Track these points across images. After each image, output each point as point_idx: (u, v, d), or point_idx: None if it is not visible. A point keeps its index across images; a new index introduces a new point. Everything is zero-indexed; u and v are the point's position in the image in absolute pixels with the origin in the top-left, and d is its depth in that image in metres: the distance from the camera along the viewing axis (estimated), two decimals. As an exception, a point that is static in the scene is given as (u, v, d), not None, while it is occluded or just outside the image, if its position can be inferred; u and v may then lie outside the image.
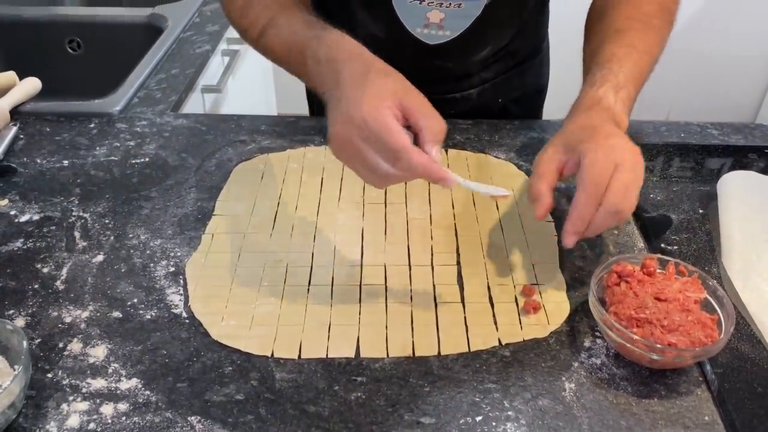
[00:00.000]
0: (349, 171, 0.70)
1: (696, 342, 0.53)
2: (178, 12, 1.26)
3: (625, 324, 0.55)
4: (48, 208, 0.76)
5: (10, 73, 0.98)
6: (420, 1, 0.80)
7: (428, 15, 0.82)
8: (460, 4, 0.80)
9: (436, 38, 0.85)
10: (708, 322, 0.56)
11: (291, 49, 0.67)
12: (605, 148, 0.60)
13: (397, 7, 0.82)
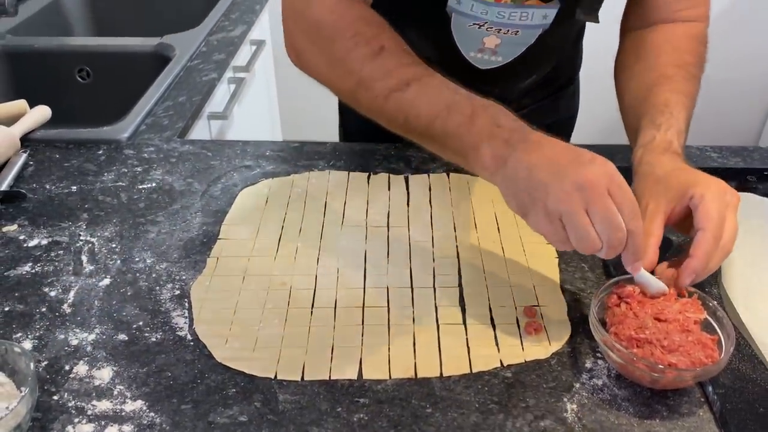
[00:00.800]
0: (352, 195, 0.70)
1: (696, 362, 0.54)
2: (185, 41, 1.29)
3: (626, 344, 0.55)
4: (56, 232, 0.77)
5: (21, 102, 1.00)
6: (479, 26, 0.81)
7: (485, 40, 0.83)
8: (517, 31, 0.81)
9: (487, 63, 0.86)
10: (708, 342, 0.56)
11: (450, 108, 0.62)
12: (717, 192, 0.61)
13: (455, 30, 0.82)
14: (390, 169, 0.88)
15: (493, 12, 0.79)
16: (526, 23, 0.81)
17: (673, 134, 0.69)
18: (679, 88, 0.74)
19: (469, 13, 0.80)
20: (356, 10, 0.70)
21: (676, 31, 0.81)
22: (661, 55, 0.78)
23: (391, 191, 0.84)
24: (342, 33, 0.69)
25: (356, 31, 0.68)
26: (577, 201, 0.54)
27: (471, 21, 0.81)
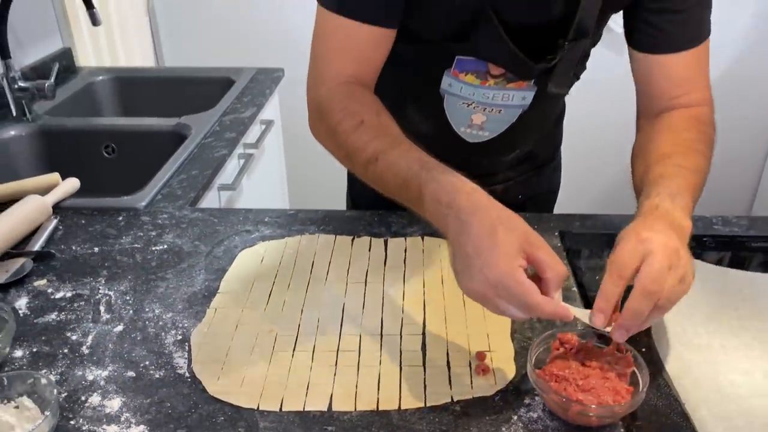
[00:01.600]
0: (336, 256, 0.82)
1: (603, 403, 0.63)
2: (201, 121, 1.45)
3: (548, 379, 0.65)
4: (79, 287, 0.90)
5: (54, 175, 1.15)
6: (468, 105, 0.94)
7: (473, 117, 0.96)
8: (500, 110, 0.94)
9: (476, 137, 0.99)
10: (623, 391, 0.65)
11: (408, 183, 0.71)
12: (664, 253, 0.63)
13: (447, 108, 0.96)
14: (372, 233, 1.01)
15: (479, 93, 0.92)
16: (508, 103, 0.94)
17: (662, 198, 0.71)
18: (677, 161, 0.78)
19: (458, 94, 0.93)
20: (350, 90, 0.84)
21: (674, 116, 0.87)
22: (660, 138, 0.84)
23: (371, 252, 0.96)
24: (334, 108, 0.83)
25: (344, 106, 0.83)
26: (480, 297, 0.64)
27: (461, 101, 0.94)
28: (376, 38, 0.86)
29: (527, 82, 0.91)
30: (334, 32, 0.86)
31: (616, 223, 0.99)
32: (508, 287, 0.61)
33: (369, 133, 0.79)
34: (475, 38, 0.85)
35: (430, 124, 0.98)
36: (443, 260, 0.93)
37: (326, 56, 0.87)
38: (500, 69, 0.89)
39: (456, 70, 0.91)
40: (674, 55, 0.86)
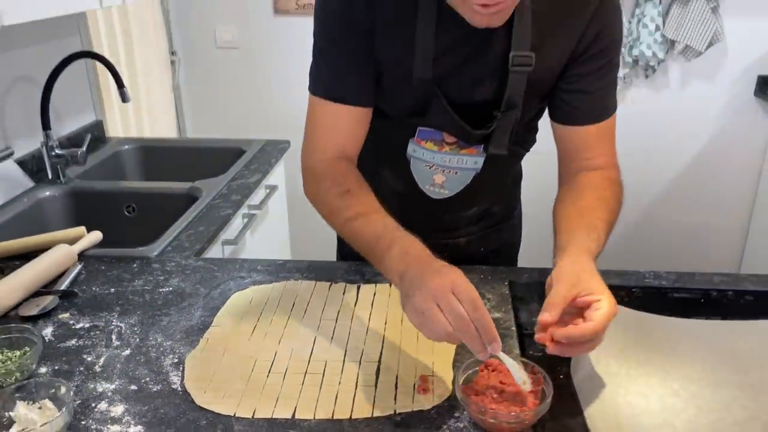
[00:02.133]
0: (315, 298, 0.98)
1: (512, 412, 0.77)
2: (211, 185, 1.65)
3: (470, 393, 0.80)
4: (96, 320, 1.07)
5: (81, 228, 1.34)
6: (430, 167, 1.12)
7: (434, 177, 1.13)
8: (456, 171, 1.12)
9: (438, 195, 1.16)
10: (530, 404, 0.79)
11: (380, 239, 0.90)
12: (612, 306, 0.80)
13: (413, 170, 1.13)
14: (348, 280, 1.17)
15: (438, 157, 1.10)
16: (462, 166, 1.11)
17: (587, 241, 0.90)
18: (598, 215, 0.97)
19: (421, 158, 1.12)
20: (338, 164, 1.04)
21: (595, 176, 1.05)
22: (586, 193, 1.02)
23: (344, 295, 1.12)
24: (324, 177, 1.03)
25: (333, 177, 1.03)
26: (430, 300, 0.78)
27: (423, 163, 1.12)
28: (356, 116, 1.06)
29: (477, 149, 1.09)
30: (322, 113, 1.06)
31: (557, 275, 1.15)
32: (463, 283, 0.78)
33: (353, 199, 0.99)
34: (429, 113, 1.04)
35: (401, 183, 1.16)
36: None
37: (317, 133, 1.07)
38: (453, 138, 1.07)
39: (418, 139, 1.09)
40: (584, 127, 1.05)
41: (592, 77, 1.01)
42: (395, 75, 1.02)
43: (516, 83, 0.99)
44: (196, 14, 2.73)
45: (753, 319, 1.01)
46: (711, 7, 2.42)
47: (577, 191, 1.03)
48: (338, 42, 1.01)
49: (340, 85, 1.03)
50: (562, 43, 0.99)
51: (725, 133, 2.67)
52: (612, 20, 0.99)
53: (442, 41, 0.97)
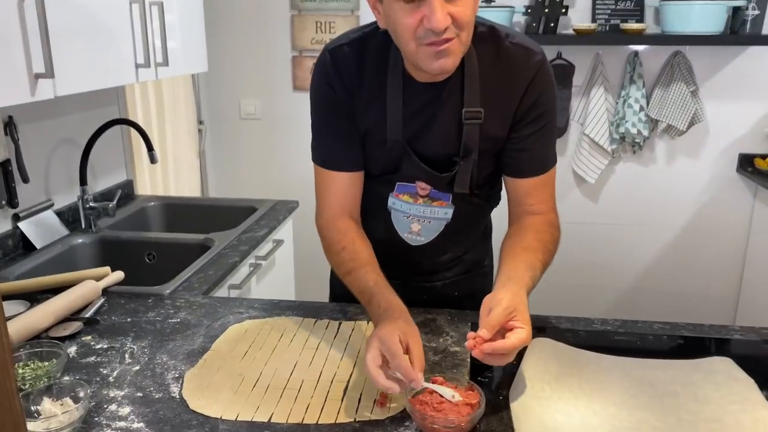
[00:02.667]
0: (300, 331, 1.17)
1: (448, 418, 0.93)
2: (223, 237, 1.86)
3: (414, 403, 0.95)
4: (112, 342, 1.25)
5: (106, 268, 1.54)
6: (407, 217, 1.31)
7: (411, 226, 1.32)
8: (430, 221, 1.30)
9: (416, 242, 1.34)
10: (465, 413, 0.94)
11: (364, 292, 1.15)
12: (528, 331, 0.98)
13: (393, 219, 1.32)
14: (332, 317, 1.34)
15: (414, 208, 1.30)
16: (435, 216, 1.30)
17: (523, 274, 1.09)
18: (539, 257, 1.15)
19: (400, 209, 1.31)
20: (338, 221, 1.26)
21: (538, 220, 1.24)
22: (528, 234, 1.20)
23: (326, 330, 1.28)
24: (327, 237, 1.27)
25: (333, 236, 1.26)
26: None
27: (402, 214, 1.31)
28: (350, 180, 1.28)
29: (446, 201, 1.28)
30: (322, 179, 1.29)
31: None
32: (384, 339, 0.98)
33: (347, 255, 1.22)
34: (403, 166, 1.25)
35: (383, 231, 1.34)
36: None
37: (321, 196, 1.30)
38: (425, 191, 1.27)
39: (396, 193, 1.29)
40: (527, 179, 1.24)
41: (532, 138, 1.21)
42: (373, 139, 1.24)
43: (470, 134, 1.20)
44: (223, 89, 3.03)
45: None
46: (690, 91, 2.64)
47: (522, 232, 1.21)
48: (328, 121, 1.25)
49: (333, 156, 1.26)
50: (505, 106, 1.19)
51: (711, 207, 2.82)
52: (546, 90, 1.19)
53: (408, 109, 1.19)
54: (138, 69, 1.73)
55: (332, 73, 1.21)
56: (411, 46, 1.07)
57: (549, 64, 1.21)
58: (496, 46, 1.17)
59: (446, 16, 1.02)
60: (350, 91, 1.20)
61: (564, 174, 2.91)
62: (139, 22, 1.71)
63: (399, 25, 1.06)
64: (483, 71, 1.17)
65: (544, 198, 1.26)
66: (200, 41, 2.13)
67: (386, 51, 1.18)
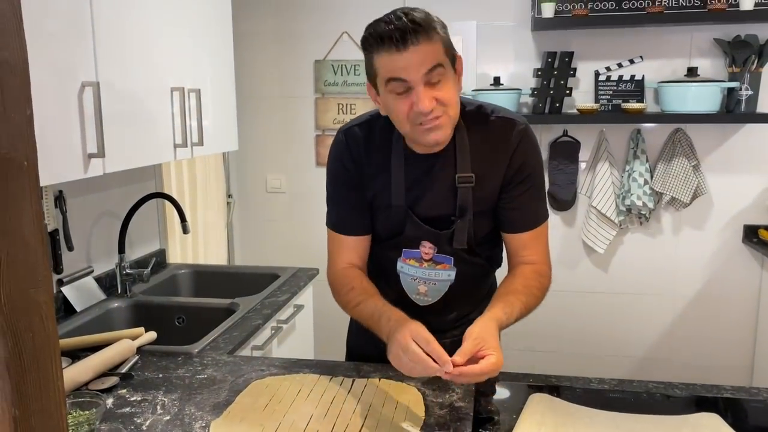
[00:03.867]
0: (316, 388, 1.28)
1: None
2: (247, 302, 1.99)
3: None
4: (146, 395, 1.37)
5: (140, 329, 1.68)
6: (414, 279, 1.45)
7: (419, 287, 1.45)
8: (435, 282, 1.44)
9: (423, 302, 1.47)
10: None
11: (373, 314, 1.29)
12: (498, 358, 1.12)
13: (403, 282, 1.46)
14: (346, 375, 1.44)
15: (420, 272, 1.43)
16: (439, 278, 1.43)
17: (499, 313, 1.23)
18: (518, 298, 1.29)
19: (408, 273, 1.44)
20: (346, 272, 1.42)
21: (527, 269, 1.39)
22: (516, 280, 1.36)
23: (341, 386, 1.39)
24: (337, 283, 1.43)
25: (342, 281, 1.41)
26: (397, 349, 1.14)
27: (410, 277, 1.44)
28: (357, 242, 1.43)
29: (448, 264, 1.41)
30: (333, 240, 1.45)
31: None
32: (404, 346, 1.13)
33: (356, 293, 1.38)
34: (407, 228, 1.39)
35: (394, 293, 1.47)
36: (387, 393, 1.35)
37: (332, 253, 1.46)
38: (429, 255, 1.40)
39: (404, 258, 1.43)
40: (520, 234, 1.39)
41: (522, 198, 1.37)
42: (380, 204, 1.40)
43: (464, 196, 1.35)
44: (251, 165, 3.24)
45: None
46: (692, 165, 2.77)
47: (511, 278, 1.37)
48: (340, 192, 1.43)
49: (343, 222, 1.43)
50: (494, 171, 1.35)
51: (720, 276, 2.89)
52: (530, 154, 1.35)
53: (410, 177, 1.36)
54: (176, 149, 1.92)
55: (344, 151, 1.40)
56: (407, 127, 1.26)
57: (532, 132, 1.38)
58: (483, 120, 1.35)
59: (431, 100, 1.20)
60: (359, 165, 1.39)
61: (574, 243, 3.02)
62: (178, 107, 1.91)
63: (395, 112, 1.25)
64: (473, 142, 1.34)
65: (537, 250, 1.40)
66: (232, 122, 2.34)
67: (390, 131, 1.35)
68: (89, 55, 1.52)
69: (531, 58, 2.92)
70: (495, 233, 1.45)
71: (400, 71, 1.19)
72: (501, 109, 1.38)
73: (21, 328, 0.81)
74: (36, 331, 0.85)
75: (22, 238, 0.84)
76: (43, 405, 0.85)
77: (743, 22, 2.65)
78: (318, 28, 3.07)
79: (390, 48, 1.18)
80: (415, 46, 1.17)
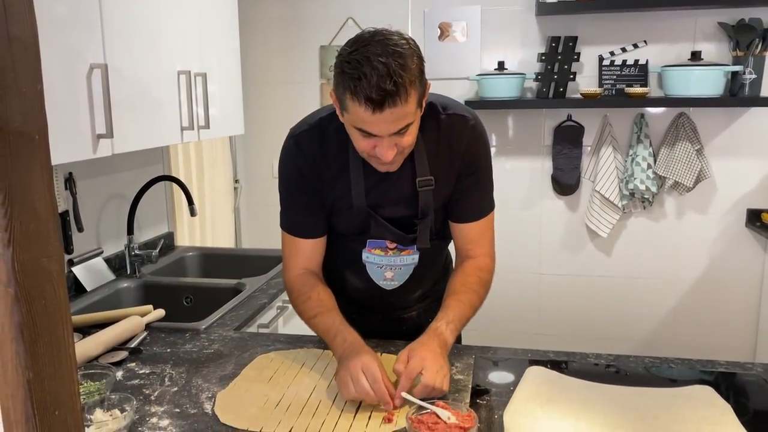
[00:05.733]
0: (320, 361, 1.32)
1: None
2: (254, 282, 2.03)
3: (413, 421, 1.08)
4: (154, 368, 1.41)
5: (149, 306, 1.72)
6: (380, 267, 1.47)
7: (385, 274, 1.48)
8: (400, 267, 1.47)
9: (390, 286, 1.50)
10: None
11: (329, 330, 1.33)
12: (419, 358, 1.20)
13: (369, 271, 1.48)
14: (348, 351, 1.48)
15: (386, 259, 1.45)
16: (404, 263, 1.46)
17: (441, 324, 1.29)
18: (458, 298, 1.35)
19: (373, 262, 1.47)
20: (302, 278, 1.44)
21: (468, 264, 1.43)
22: (456, 278, 1.41)
23: (343, 360, 1.43)
24: (294, 291, 1.45)
25: (299, 289, 1.44)
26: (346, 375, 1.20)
27: (376, 266, 1.47)
28: (311, 245, 1.45)
29: (412, 250, 1.44)
30: (288, 243, 1.47)
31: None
32: (368, 366, 1.17)
33: (313, 304, 1.40)
34: (371, 228, 1.41)
35: (361, 281, 1.50)
36: (389, 367, 1.39)
37: (288, 257, 1.48)
38: (393, 244, 1.43)
39: (369, 248, 1.45)
40: (462, 225, 1.43)
41: (469, 189, 1.40)
42: (342, 205, 1.40)
43: (425, 199, 1.38)
44: (257, 150, 3.27)
45: (663, 388, 1.26)
46: (696, 149, 2.78)
47: (452, 278, 1.43)
48: (295, 195, 1.42)
49: (297, 226, 1.45)
50: (450, 168, 1.38)
51: (722, 260, 2.91)
52: (478, 149, 1.38)
53: (370, 180, 1.36)
54: (183, 131, 1.95)
55: (298, 156, 1.38)
56: (364, 155, 1.28)
57: (481, 125, 1.40)
58: (435, 120, 1.35)
59: (393, 149, 1.23)
60: (316, 170, 1.38)
61: (577, 228, 3.04)
62: (185, 90, 1.95)
63: (356, 143, 1.27)
64: (428, 145, 1.35)
65: (482, 242, 1.45)
66: (238, 107, 2.37)
67: (345, 134, 1.30)
68: (97, 38, 1.55)
69: (535, 42, 2.93)
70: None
71: (371, 127, 1.19)
72: (451, 105, 1.39)
73: (34, 295, 0.85)
74: (48, 299, 0.88)
75: (34, 209, 0.88)
76: (56, 370, 0.89)
77: (747, 6, 2.65)
78: (323, 14, 3.09)
79: (367, 107, 1.15)
80: (391, 110, 1.15)
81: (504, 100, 2.83)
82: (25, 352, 0.85)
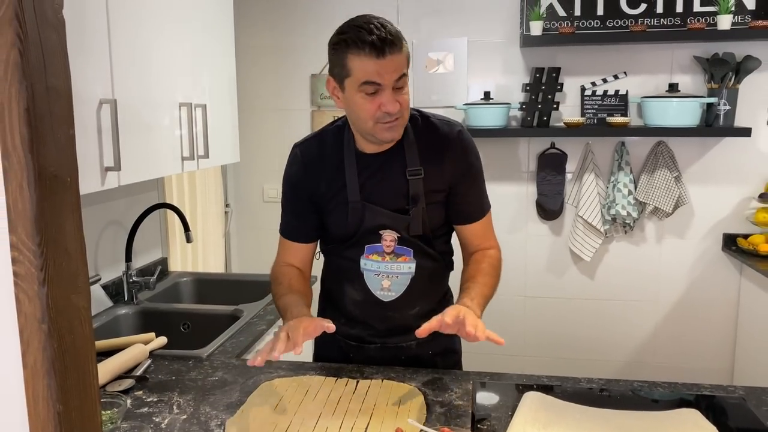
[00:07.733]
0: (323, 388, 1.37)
1: None
2: (251, 308, 2.07)
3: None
4: (161, 396, 1.44)
5: (151, 334, 1.75)
6: (377, 275, 1.54)
7: (382, 283, 1.55)
8: (397, 276, 1.54)
9: (387, 297, 1.56)
10: None
11: (287, 308, 1.46)
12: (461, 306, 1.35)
13: (366, 279, 1.55)
14: (350, 376, 1.53)
15: (382, 266, 1.53)
16: (401, 271, 1.53)
17: (466, 299, 1.41)
18: (477, 279, 1.49)
19: (371, 269, 1.54)
20: (285, 268, 1.59)
21: (477, 255, 1.57)
22: (470, 267, 1.55)
23: (346, 387, 1.47)
24: (273, 277, 1.59)
25: (278, 276, 1.58)
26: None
27: (373, 273, 1.54)
28: (303, 248, 1.62)
29: (408, 257, 1.52)
30: (282, 244, 1.64)
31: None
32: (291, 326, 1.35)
33: (283, 288, 1.55)
34: (367, 218, 1.50)
35: (359, 292, 1.57)
36: (390, 393, 1.44)
37: (277, 253, 1.65)
38: (390, 247, 1.51)
39: (366, 254, 1.53)
40: (468, 225, 1.57)
41: (470, 193, 1.55)
42: (339, 202, 1.52)
43: (415, 186, 1.49)
44: (248, 175, 3.32)
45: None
46: (674, 176, 2.89)
47: (465, 267, 1.58)
48: (290, 201, 1.61)
49: (291, 231, 1.62)
50: (441, 167, 1.50)
51: (701, 283, 3.02)
52: (470, 155, 1.53)
53: (363, 175, 1.50)
54: (183, 161, 2.00)
55: (299, 165, 1.55)
56: (369, 124, 1.40)
57: (468, 133, 1.56)
58: (424, 121, 1.53)
59: (397, 104, 1.37)
60: (313, 174, 1.54)
61: (561, 252, 3.13)
62: (186, 122, 2.00)
63: (361, 110, 1.39)
64: (417, 139, 1.50)
65: (486, 236, 1.60)
66: (234, 135, 2.43)
67: (341, 135, 1.52)
68: (106, 74, 1.60)
69: (520, 73, 3.04)
70: (446, 227, 1.59)
71: (377, 75, 1.34)
72: (438, 115, 1.56)
73: (64, 330, 0.89)
74: (76, 334, 0.93)
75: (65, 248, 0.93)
76: (82, 402, 0.93)
77: (721, 41, 2.79)
78: (314, 43, 3.16)
79: (371, 54, 1.32)
80: (391, 56, 1.33)
81: (490, 129, 2.92)
82: (56, 386, 0.90)
